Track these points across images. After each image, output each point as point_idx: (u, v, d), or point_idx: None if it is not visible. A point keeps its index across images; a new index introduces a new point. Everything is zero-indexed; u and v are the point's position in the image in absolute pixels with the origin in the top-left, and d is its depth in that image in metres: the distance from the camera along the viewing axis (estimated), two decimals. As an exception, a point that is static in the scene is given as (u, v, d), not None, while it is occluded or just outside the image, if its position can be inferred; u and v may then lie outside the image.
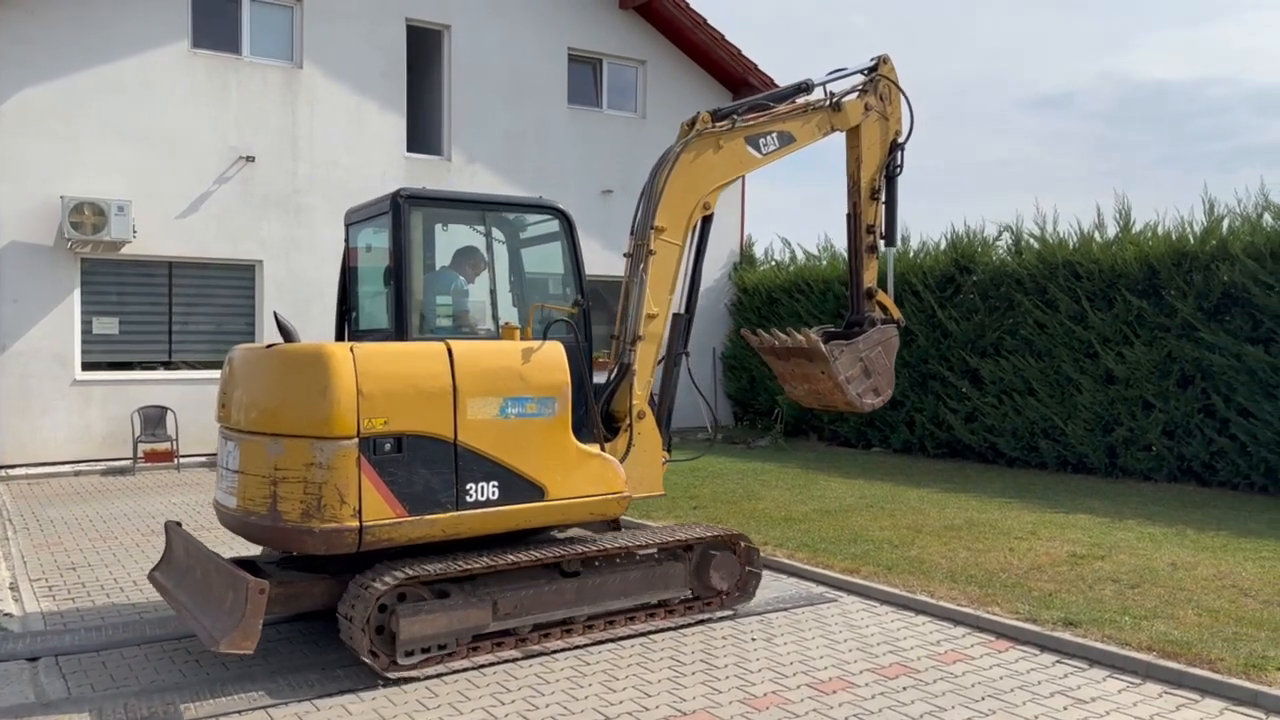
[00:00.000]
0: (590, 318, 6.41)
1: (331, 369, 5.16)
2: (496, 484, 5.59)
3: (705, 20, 16.65)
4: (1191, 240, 11.56)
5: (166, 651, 5.75)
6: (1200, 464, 11.36)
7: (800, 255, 17.75)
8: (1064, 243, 13.01)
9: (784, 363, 7.71)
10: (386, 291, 6.20)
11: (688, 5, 16.57)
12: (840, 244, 16.07)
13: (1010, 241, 13.87)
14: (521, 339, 5.89)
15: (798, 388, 7.86)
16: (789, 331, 7.53)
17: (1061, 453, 12.70)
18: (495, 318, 6.48)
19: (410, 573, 5.20)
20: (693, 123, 6.75)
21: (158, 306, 13.46)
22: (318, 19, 14.17)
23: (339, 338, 6.82)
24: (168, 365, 13.53)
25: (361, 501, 5.16)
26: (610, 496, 6.06)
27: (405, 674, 5.25)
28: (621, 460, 6.28)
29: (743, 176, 7.25)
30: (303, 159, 14.13)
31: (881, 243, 7.76)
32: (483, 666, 5.49)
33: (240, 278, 13.95)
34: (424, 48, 15.54)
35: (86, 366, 12.96)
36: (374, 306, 6.70)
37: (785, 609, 6.66)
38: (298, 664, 5.51)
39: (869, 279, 7.82)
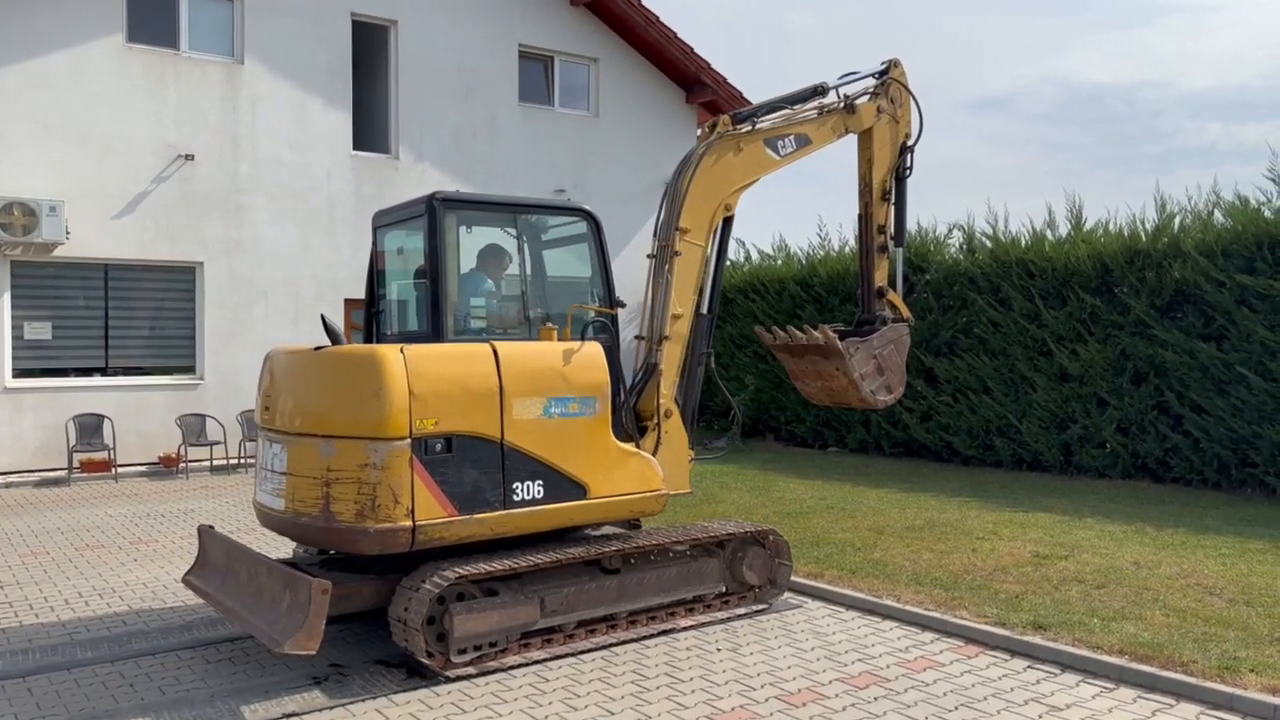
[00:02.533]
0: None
1: (385, 371, 5.19)
2: (541, 483, 5.67)
3: (657, 18, 16.47)
4: (1144, 238, 11.63)
5: (99, 676, 5.41)
6: (1155, 461, 11.42)
7: (755, 255, 17.68)
8: (1016, 241, 13.03)
9: (797, 360, 7.86)
10: (419, 293, 6.25)
11: (639, 3, 16.38)
12: (795, 242, 16.06)
13: (962, 240, 13.88)
14: (559, 339, 5.95)
15: (810, 385, 8.01)
16: (805, 329, 7.62)
17: (1017, 451, 12.71)
18: (528, 319, 6.50)
19: (463, 571, 5.24)
20: (714, 126, 6.96)
21: (93, 310, 12.94)
22: (259, 13, 13.74)
23: (366, 340, 6.81)
24: (105, 372, 13.01)
25: (415, 501, 5.19)
26: (649, 494, 6.16)
27: (461, 671, 5.30)
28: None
29: (761, 178, 7.32)
30: (244, 158, 13.69)
31: (891, 243, 7.90)
32: (535, 663, 5.55)
33: (180, 280, 13.47)
34: (370, 43, 15.17)
35: (18, 374, 12.42)
36: (403, 309, 6.74)
37: (750, 616, 6.49)
38: (257, 682, 5.22)
39: (880, 278, 7.97)
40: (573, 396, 5.82)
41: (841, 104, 7.47)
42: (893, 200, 7.89)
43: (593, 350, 6.00)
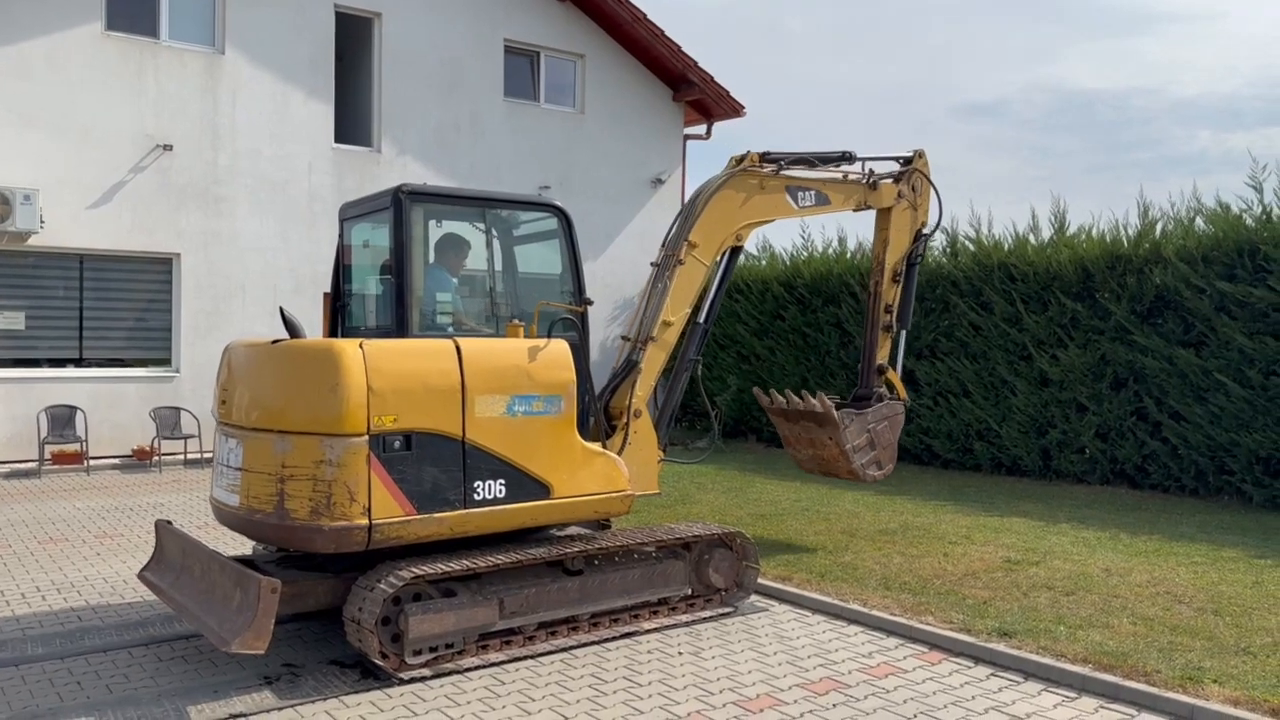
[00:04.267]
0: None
1: (342, 365, 5.08)
2: (503, 482, 5.58)
3: (644, 15, 16.38)
4: (1125, 243, 11.58)
5: (47, 673, 5.31)
6: (1133, 467, 11.38)
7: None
8: (999, 245, 12.98)
9: (791, 425, 8.15)
10: (385, 288, 6.16)
11: (627, -1, 16.30)
12: (778, 243, 15.99)
13: (945, 244, 13.82)
14: (525, 336, 5.87)
15: (802, 452, 8.29)
16: (802, 395, 7.90)
17: (996, 455, 12.67)
18: (495, 315, 6.45)
19: (419, 571, 5.15)
20: (741, 159, 7.29)
21: (68, 301, 12.80)
22: (241, 3, 13.60)
23: (331, 334, 6.75)
24: (78, 363, 12.88)
25: (371, 499, 5.10)
26: (614, 495, 6.09)
27: (415, 673, 5.21)
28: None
29: (770, 221, 7.65)
30: (224, 149, 13.56)
31: (896, 323, 8.30)
32: (492, 665, 5.46)
33: (157, 271, 13.33)
34: (353, 35, 15.04)
35: (-11, 363, 12.29)
36: (368, 303, 6.65)
37: (714, 619, 6.42)
38: (208, 681, 5.12)
39: (881, 355, 8.32)
40: (537, 395, 5.72)
41: (865, 179, 7.86)
42: (901, 283, 8.27)
43: (559, 348, 5.90)
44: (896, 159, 8.27)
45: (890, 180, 8.06)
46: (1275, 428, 10.00)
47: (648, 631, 6.12)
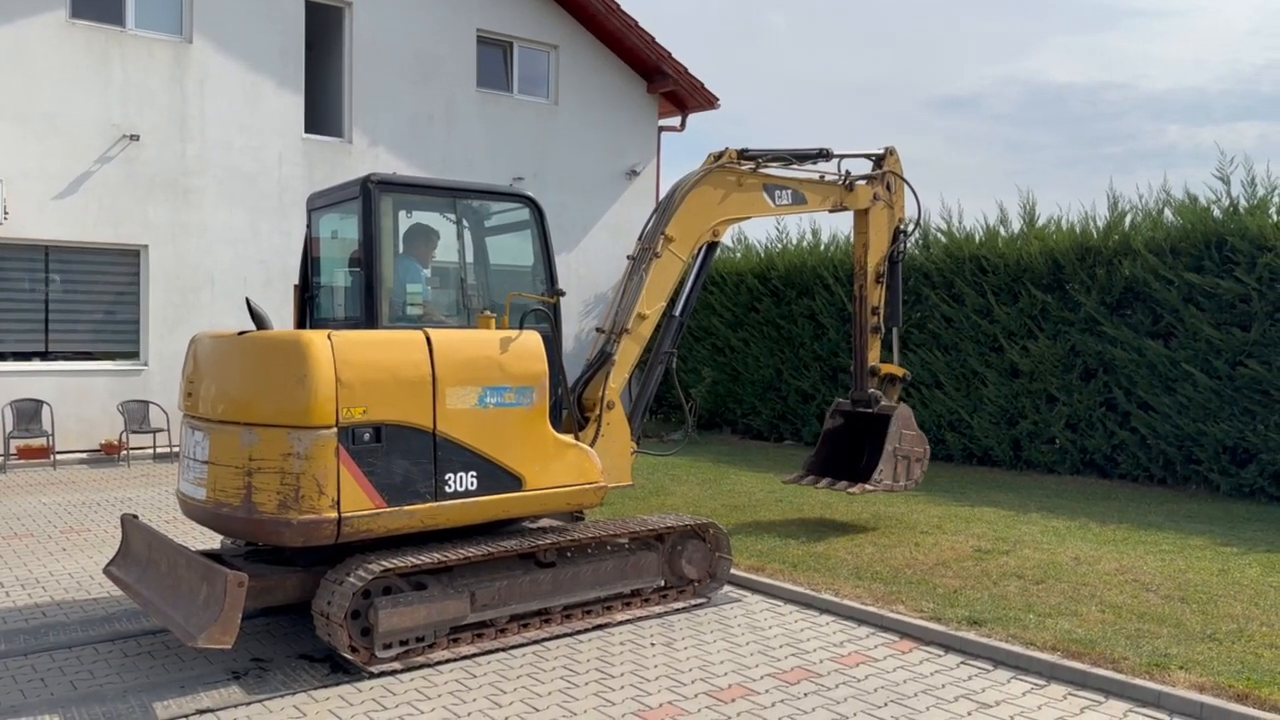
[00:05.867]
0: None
1: (310, 357, 5.02)
2: (475, 474, 5.54)
3: (618, 5, 16.31)
4: (1095, 235, 11.67)
5: (10, 669, 5.23)
6: (1102, 457, 11.49)
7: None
8: (970, 238, 13.05)
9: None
10: (353, 279, 6.09)
11: (601, -11, 16.23)
12: (753, 235, 16.03)
13: (919, 237, 13.87)
14: (497, 327, 5.82)
15: None
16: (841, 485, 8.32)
17: (967, 445, 12.75)
18: (466, 306, 6.39)
19: (389, 564, 5.11)
20: (719, 155, 7.28)
21: (34, 293, 12.60)
22: (209, -9, 13.43)
23: (299, 326, 6.66)
24: (44, 356, 12.69)
25: (340, 492, 5.05)
26: (587, 486, 6.06)
27: (385, 667, 5.18)
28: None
29: (747, 219, 7.75)
30: (192, 139, 13.39)
31: (885, 323, 8.46)
32: (463, 658, 5.43)
33: (124, 263, 13.15)
34: (324, 25, 14.88)
35: (-48, 357, 12.09)
36: (337, 294, 6.57)
37: (687, 610, 6.42)
38: (174, 677, 5.06)
39: (872, 357, 8.48)
40: (509, 386, 5.68)
41: (842, 180, 7.94)
42: (885, 283, 8.39)
43: (531, 339, 5.86)
44: (870, 156, 8.31)
45: (865, 182, 8.11)
46: (1242, 417, 10.12)
47: (620, 623, 6.11)
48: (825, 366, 14.42)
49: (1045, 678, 5.21)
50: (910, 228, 8.57)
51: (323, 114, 14.90)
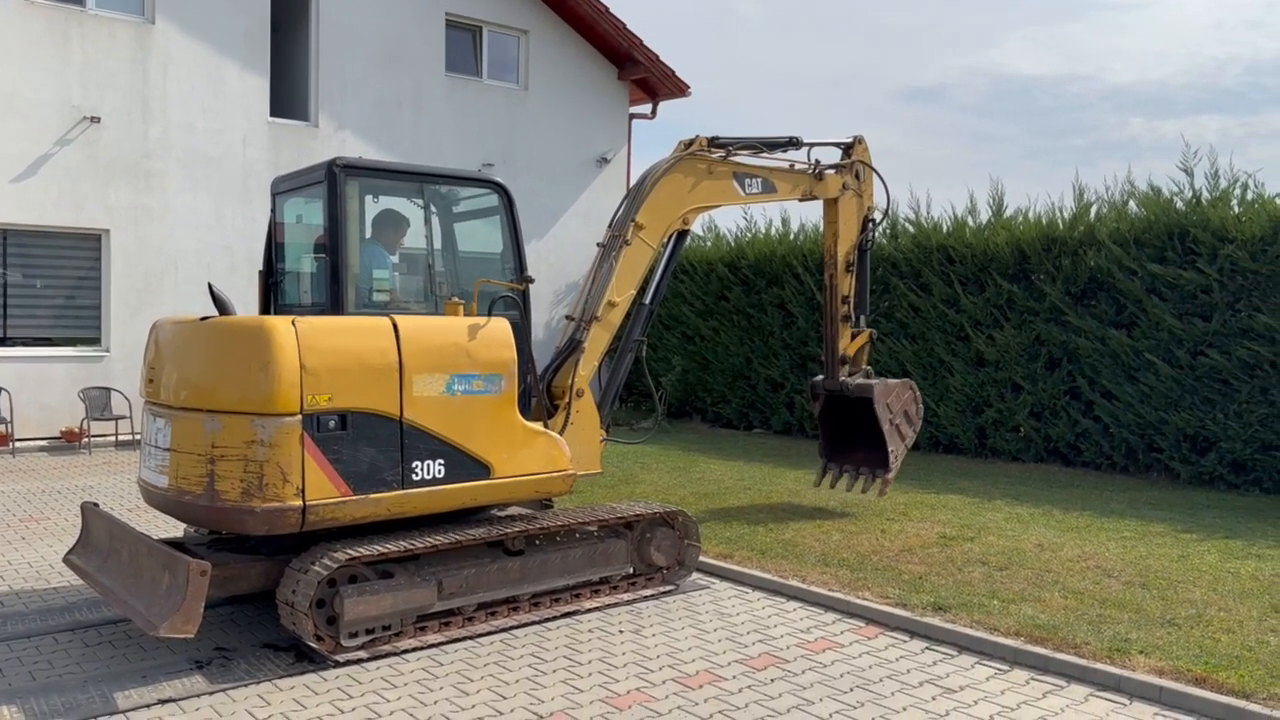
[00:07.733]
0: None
1: (274, 343, 4.95)
2: (442, 462, 5.49)
3: (589, -9, 16.23)
4: (1061, 226, 11.78)
5: (-34, 660, 5.14)
6: (1066, 445, 11.63)
7: (683, 235, 17.55)
8: (938, 228, 13.13)
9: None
10: (318, 265, 6.01)
11: (571, -26, 16.12)
12: (723, 224, 16.00)
13: (886, 226, 13.93)
14: (465, 314, 5.77)
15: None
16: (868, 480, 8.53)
17: (934, 434, 12.85)
18: (434, 293, 6.32)
19: (354, 553, 5.07)
20: (689, 143, 7.26)
21: (-9, 277, 12.38)
22: (172, -29, 13.19)
23: (264, 312, 6.56)
24: (3, 342, 12.46)
25: (305, 480, 4.99)
26: (555, 474, 6.04)
27: (351, 656, 5.14)
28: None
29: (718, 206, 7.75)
30: (155, 121, 13.17)
31: (855, 312, 8.52)
32: (430, 647, 5.39)
33: (84, 248, 12.93)
34: (289, 6, 14.67)
35: (-93, 342, 11.84)
36: (302, 280, 6.47)
37: (656, 597, 6.43)
38: (136, 667, 4.99)
39: (843, 346, 8.50)
40: (477, 373, 5.63)
41: (811, 169, 7.97)
42: (855, 272, 8.43)
43: (499, 326, 5.81)
44: (838, 145, 8.35)
45: (834, 172, 8.15)
46: (1202, 406, 10.28)
47: (589, 611, 6.11)
48: (795, 355, 14.48)
49: (1009, 663, 5.27)
50: (879, 216, 8.60)
51: (289, 97, 14.71)
